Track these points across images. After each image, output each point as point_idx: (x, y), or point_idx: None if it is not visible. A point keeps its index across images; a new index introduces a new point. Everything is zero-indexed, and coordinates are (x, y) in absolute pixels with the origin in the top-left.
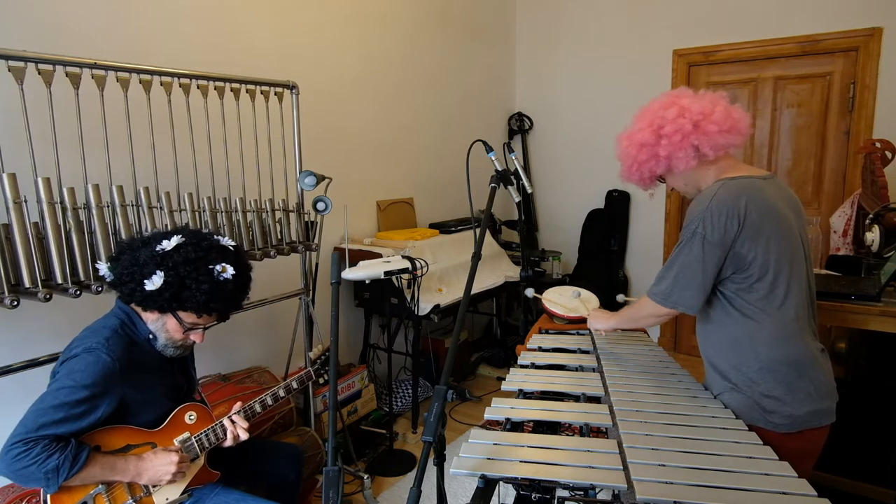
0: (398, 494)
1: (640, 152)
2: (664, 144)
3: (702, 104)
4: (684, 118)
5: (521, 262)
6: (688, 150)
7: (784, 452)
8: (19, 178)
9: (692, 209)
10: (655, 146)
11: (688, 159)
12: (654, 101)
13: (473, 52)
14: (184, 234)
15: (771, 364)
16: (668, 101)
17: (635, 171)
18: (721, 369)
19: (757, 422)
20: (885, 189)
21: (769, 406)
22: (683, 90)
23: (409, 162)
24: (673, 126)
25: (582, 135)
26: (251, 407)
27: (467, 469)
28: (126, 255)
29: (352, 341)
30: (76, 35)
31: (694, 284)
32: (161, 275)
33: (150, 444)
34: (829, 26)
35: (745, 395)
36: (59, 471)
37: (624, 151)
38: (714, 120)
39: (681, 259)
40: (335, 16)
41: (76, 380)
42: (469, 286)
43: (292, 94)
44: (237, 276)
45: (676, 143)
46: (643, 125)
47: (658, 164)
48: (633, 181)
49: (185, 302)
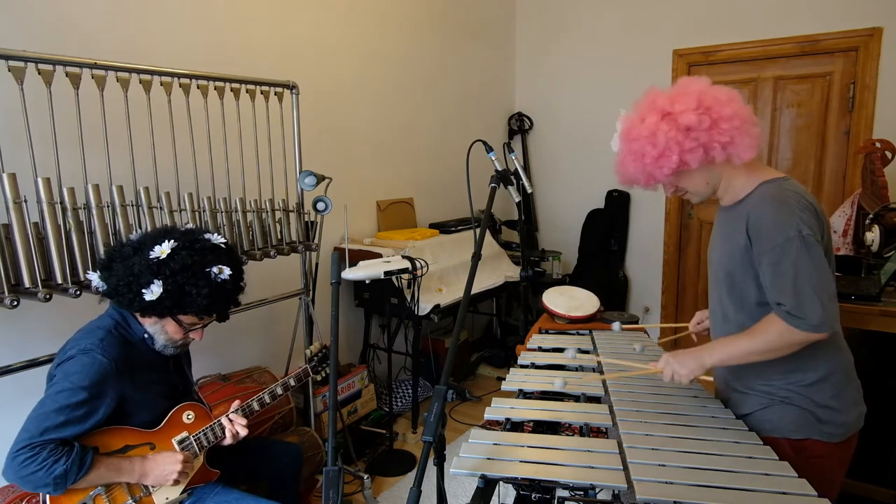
0: (398, 494)
1: (685, 138)
2: (725, 129)
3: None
4: (737, 102)
5: (521, 262)
6: (749, 137)
7: (835, 462)
8: (19, 178)
9: (766, 215)
10: (710, 131)
11: (746, 148)
12: (687, 83)
13: (473, 52)
14: (175, 237)
15: (829, 373)
16: (705, 84)
17: (664, 163)
18: (769, 383)
19: (811, 434)
20: (885, 189)
21: (825, 416)
22: (698, 77)
23: (409, 162)
24: (731, 109)
25: (582, 135)
26: (249, 405)
27: (467, 469)
28: (118, 263)
29: (352, 341)
30: (76, 35)
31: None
32: (159, 283)
33: (149, 445)
34: (829, 26)
35: (798, 408)
36: (67, 475)
37: (651, 138)
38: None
39: (807, 271)
40: (335, 16)
41: (74, 382)
42: (469, 286)
43: (292, 94)
44: (233, 275)
45: (737, 128)
46: (687, 105)
47: (707, 153)
48: (643, 178)
49: (187, 307)
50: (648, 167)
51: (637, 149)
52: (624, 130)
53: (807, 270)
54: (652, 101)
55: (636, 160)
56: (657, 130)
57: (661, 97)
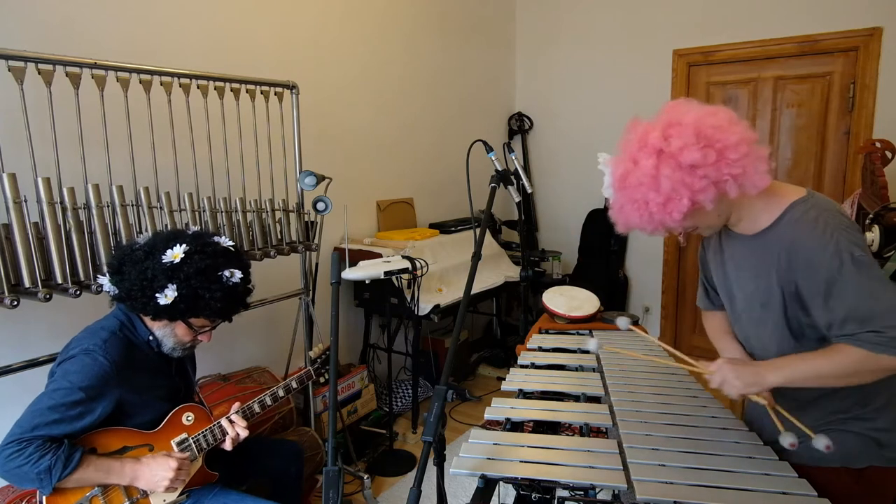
0: (398, 494)
1: (692, 178)
2: (734, 160)
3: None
4: (740, 125)
5: (521, 262)
6: (761, 162)
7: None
8: (19, 178)
9: (808, 244)
10: (718, 164)
11: (761, 176)
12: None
13: (473, 52)
14: (186, 240)
15: (892, 395)
16: (697, 108)
17: (673, 208)
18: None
19: (872, 460)
20: (885, 189)
21: (886, 440)
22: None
23: (409, 162)
24: (735, 134)
25: (582, 135)
26: (250, 407)
27: (467, 469)
28: (129, 267)
29: (352, 341)
30: (76, 35)
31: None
32: (174, 288)
33: (148, 446)
34: (829, 26)
35: (855, 434)
36: (51, 471)
37: (652, 183)
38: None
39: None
40: (335, 16)
41: (72, 381)
42: (469, 286)
43: (292, 94)
44: (243, 277)
45: (746, 156)
46: (685, 140)
47: (719, 188)
48: (650, 226)
49: (200, 311)
50: (656, 215)
51: (638, 197)
52: (617, 178)
53: (876, 291)
54: (642, 139)
55: (639, 209)
56: (657, 174)
57: (652, 133)
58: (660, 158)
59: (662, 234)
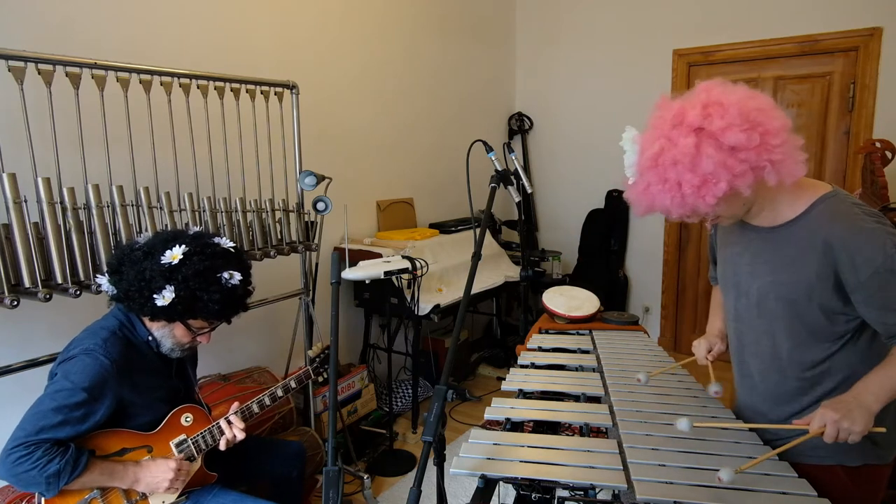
0: (398, 494)
1: (734, 160)
2: (775, 145)
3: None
4: (780, 111)
5: (521, 262)
6: (799, 152)
7: (883, 484)
8: (19, 178)
9: (852, 239)
10: (760, 149)
11: (799, 165)
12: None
13: (473, 52)
14: (185, 241)
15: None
16: (741, 90)
17: (708, 191)
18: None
19: (869, 459)
20: (885, 189)
21: (880, 439)
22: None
23: (409, 162)
24: (779, 120)
25: (582, 135)
26: (249, 407)
27: (467, 469)
28: (128, 268)
29: (352, 341)
30: (76, 35)
31: None
32: (171, 289)
33: (146, 448)
34: (829, 26)
35: None
36: (59, 475)
37: (692, 164)
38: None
39: None
40: (335, 16)
41: (74, 382)
42: (469, 286)
43: (292, 94)
44: (243, 279)
45: (787, 142)
46: (730, 120)
47: (756, 175)
48: (679, 210)
49: (198, 312)
50: (689, 198)
51: (671, 176)
52: (648, 156)
53: None
54: (677, 116)
55: (670, 190)
56: (699, 153)
57: (691, 111)
58: (699, 137)
59: (690, 219)
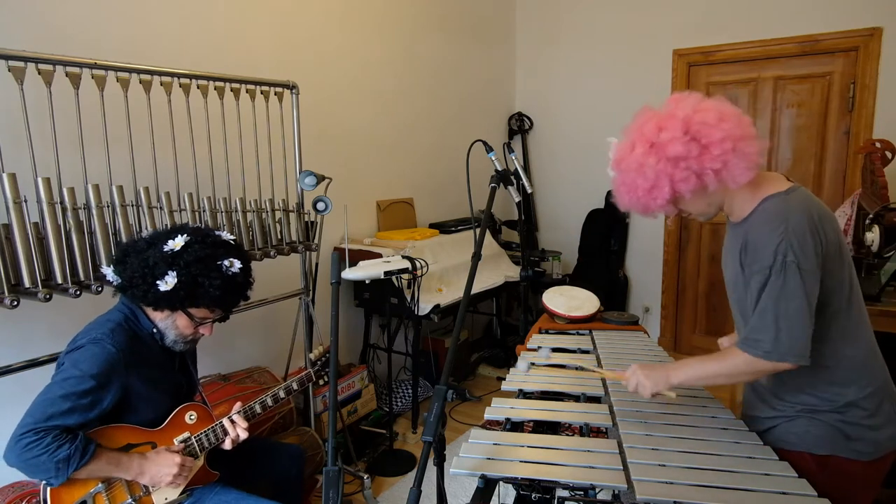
0: (398, 494)
1: (674, 169)
2: (716, 155)
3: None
4: (729, 122)
5: (521, 262)
6: (744, 159)
7: (859, 481)
8: (19, 178)
9: (759, 236)
10: (700, 158)
11: (742, 171)
12: (677, 105)
13: (473, 52)
14: (188, 232)
15: (868, 393)
16: (694, 103)
17: (657, 194)
18: (800, 396)
19: (837, 451)
20: (885, 189)
21: (854, 433)
22: (689, 93)
23: (409, 162)
24: (721, 131)
25: (582, 134)
26: (251, 408)
27: (467, 469)
28: (132, 257)
29: (352, 341)
30: (76, 35)
31: (801, 326)
32: (174, 275)
33: (151, 444)
34: (829, 26)
35: (824, 423)
36: (69, 461)
37: (640, 170)
38: (747, 123)
39: (776, 298)
40: (335, 16)
41: (82, 369)
42: (469, 286)
43: (292, 94)
44: (243, 268)
45: (730, 152)
46: (674, 133)
47: (700, 180)
48: (639, 208)
49: (199, 299)
50: (642, 199)
51: (628, 181)
52: (615, 160)
53: (774, 297)
54: (640, 129)
55: (629, 191)
56: (644, 163)
57: (649, 123)
58: (650, 149)
59: (654, 216)
